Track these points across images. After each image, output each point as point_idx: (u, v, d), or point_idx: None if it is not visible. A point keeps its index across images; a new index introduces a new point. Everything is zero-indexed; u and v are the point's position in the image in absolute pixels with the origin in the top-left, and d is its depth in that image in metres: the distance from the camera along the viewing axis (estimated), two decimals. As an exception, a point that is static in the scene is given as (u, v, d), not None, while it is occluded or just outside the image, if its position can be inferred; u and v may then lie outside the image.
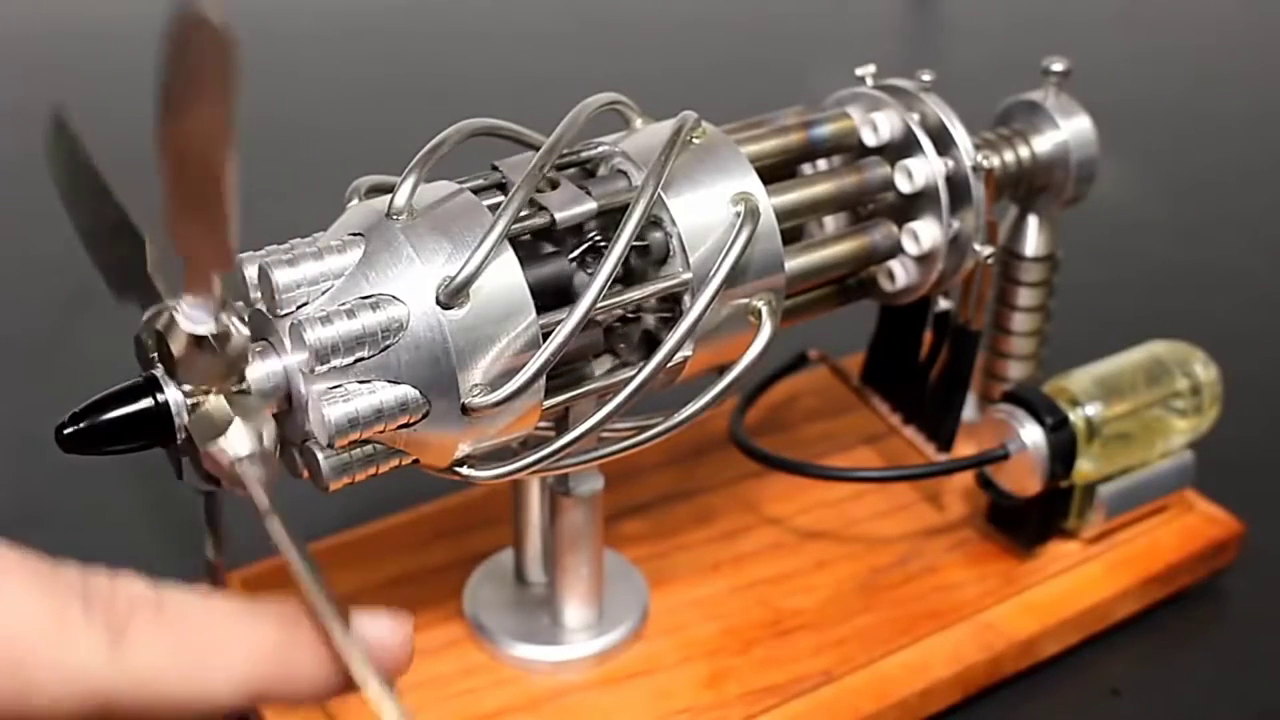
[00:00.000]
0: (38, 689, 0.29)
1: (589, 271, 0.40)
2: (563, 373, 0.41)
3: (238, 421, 0.35)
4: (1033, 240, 0.54)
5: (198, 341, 0.34)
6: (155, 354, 0.35)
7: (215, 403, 0.35)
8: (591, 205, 0.39)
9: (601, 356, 0.42)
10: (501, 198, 0.39)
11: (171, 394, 0.35)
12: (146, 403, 0.35)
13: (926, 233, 0.47)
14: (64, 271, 0.73)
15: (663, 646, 0.48)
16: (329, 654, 0.32)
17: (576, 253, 0.40)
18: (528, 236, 0.40)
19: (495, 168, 0.41)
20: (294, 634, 0.32)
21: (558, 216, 0.39)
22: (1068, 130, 0.52)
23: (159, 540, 0.56)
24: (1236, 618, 0.54)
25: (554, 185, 0.40)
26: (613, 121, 0.43)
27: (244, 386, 0.35)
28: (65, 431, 0.35)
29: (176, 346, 0.34)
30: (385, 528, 0.53)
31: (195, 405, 0.35)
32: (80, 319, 0.69)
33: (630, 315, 0.41)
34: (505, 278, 0.37)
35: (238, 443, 0.35)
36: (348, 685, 0.32)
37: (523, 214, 0.38)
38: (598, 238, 0.40)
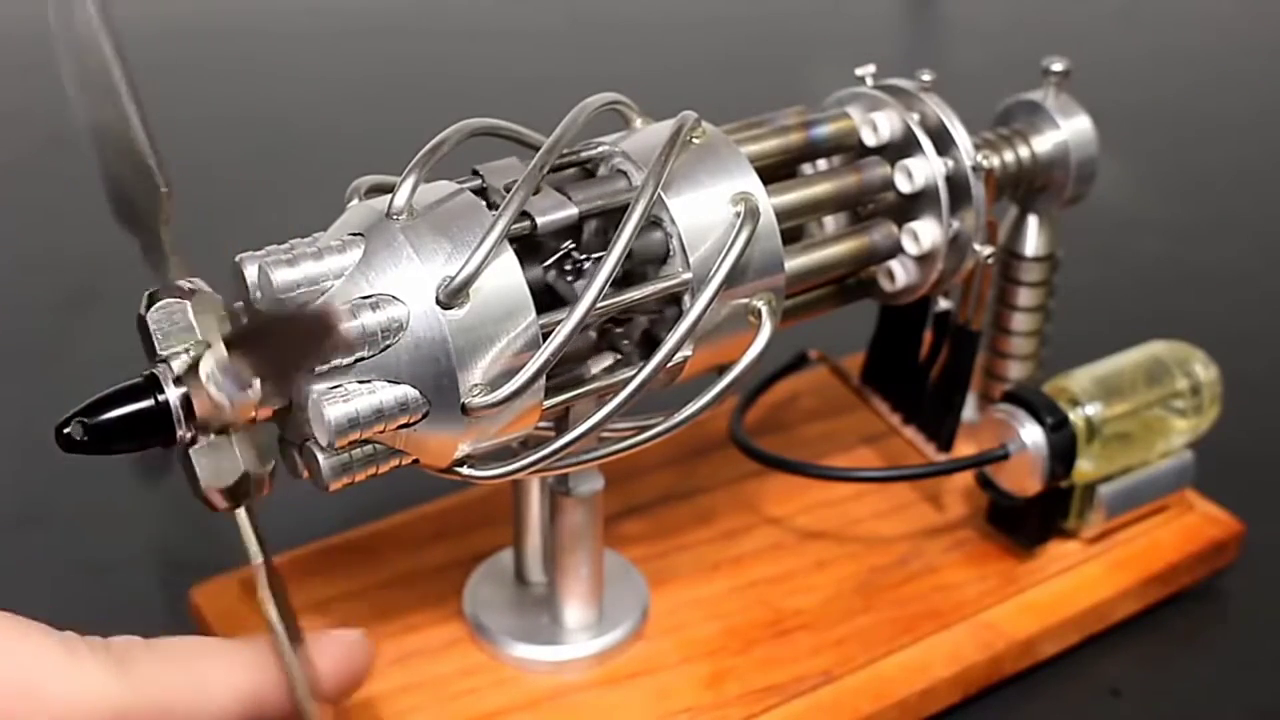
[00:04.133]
0: (53, 714, 0.32)
1: (568, 280, 0.39)
2: (562, 373, 0.41)
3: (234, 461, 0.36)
4: (1033, 240, 0.54)
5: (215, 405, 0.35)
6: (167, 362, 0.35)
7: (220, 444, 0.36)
8: (572, 211, 0.39)
9: (601, 355, 0.42)
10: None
11: (172, 393, 0.35)
12: (147, 402, 0.35)
13: (926, 233, 0.47)
14: (64, 271, 0.73)
15: (663, 646, 0.48)
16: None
17: (550, 261, 0.40)
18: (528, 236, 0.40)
19: (476, 172, 0.40)
20: (267, 659, 0.36)
21: (539, 221, 0.39)
22: (1068, 130, 0.52)
23: (159, 540, 0.56)
24: (1236, 618, 0.54)
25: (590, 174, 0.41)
26: (613, 121, 0.43)
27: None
28: (65, 431, 0.35)
29: (198, 400, 0.35)
30: (385, 528, 0.53)
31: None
32: (80, 319, 0.69)
33: (623, 318, 0.41)
34: (505, 278, 0.37)
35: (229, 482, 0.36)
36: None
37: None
38: (573, 247, 0.40)
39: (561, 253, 0.40)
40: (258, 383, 0.35)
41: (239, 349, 0.35)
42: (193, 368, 0.35)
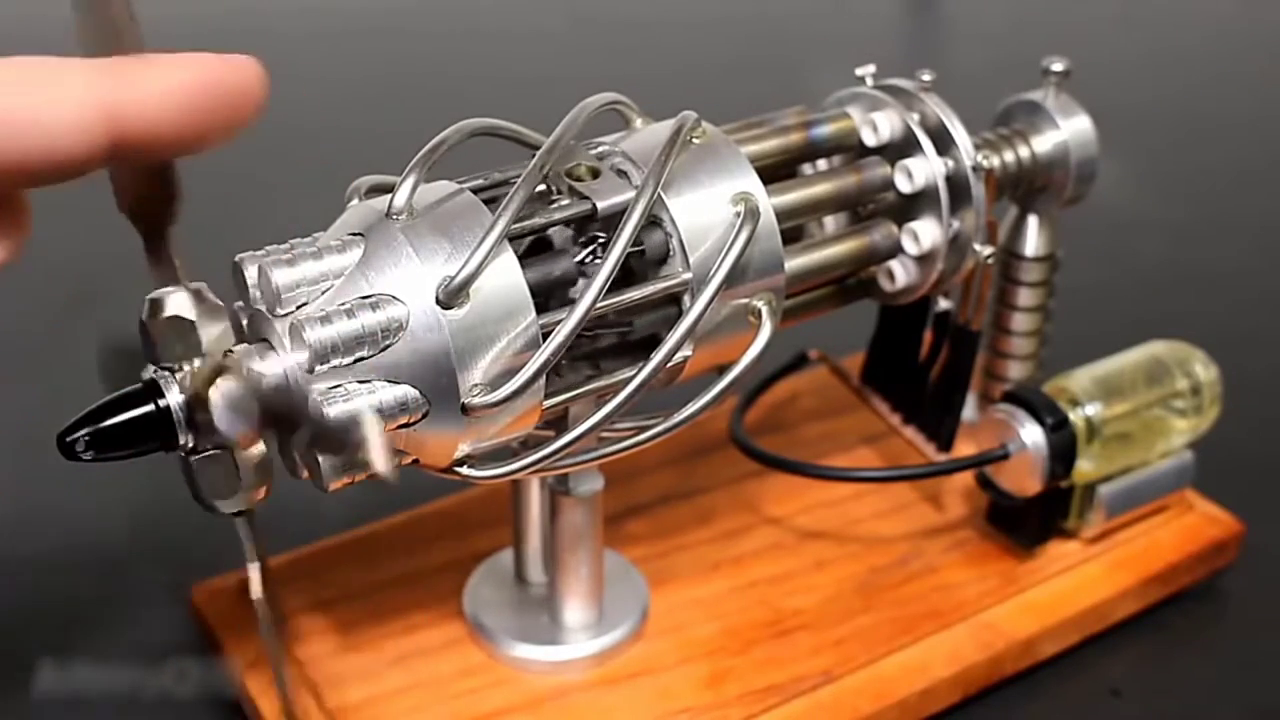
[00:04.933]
0: None
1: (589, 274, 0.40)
2: (562, 373, 0.41)
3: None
4: (1033, 240, 0.54)
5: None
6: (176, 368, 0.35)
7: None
8: (630, 194, 0.39)
9: (601, 355, 0.42)
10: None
11: (173, 399, 0.35)
12: (148, 408, 0.35)
13: (926, 233, 0.47)
14: (64, 271, 0.73)
15: (663, 646, 0.48)
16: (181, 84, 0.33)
17: (585, 253, 0.40)
18: (530, 236, 0.40)
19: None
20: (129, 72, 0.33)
21: (599, 206, 0.39)
22: (1068, 130, 0.52)
23: (159, 540, 0.56)
24: (1236, 618, 0.54)
25: (595, 174, 0.40)
26: (613, 121, 0.43)
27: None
28: (67, 439, 0.35)
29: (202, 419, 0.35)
30: (385, 528, 0.53)
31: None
32: (80, 319, 0.69)
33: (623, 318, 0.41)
34: (505, 278, 0.37)
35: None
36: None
37: (522, 214, 0.38)
38: (603, 237, 0.40)
39: (597, 240, 0.39)
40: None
41: (263, 409, 0.35)
42: (200, 383, 0.34)
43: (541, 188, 0.40)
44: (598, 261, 0.39)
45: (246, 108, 0.34)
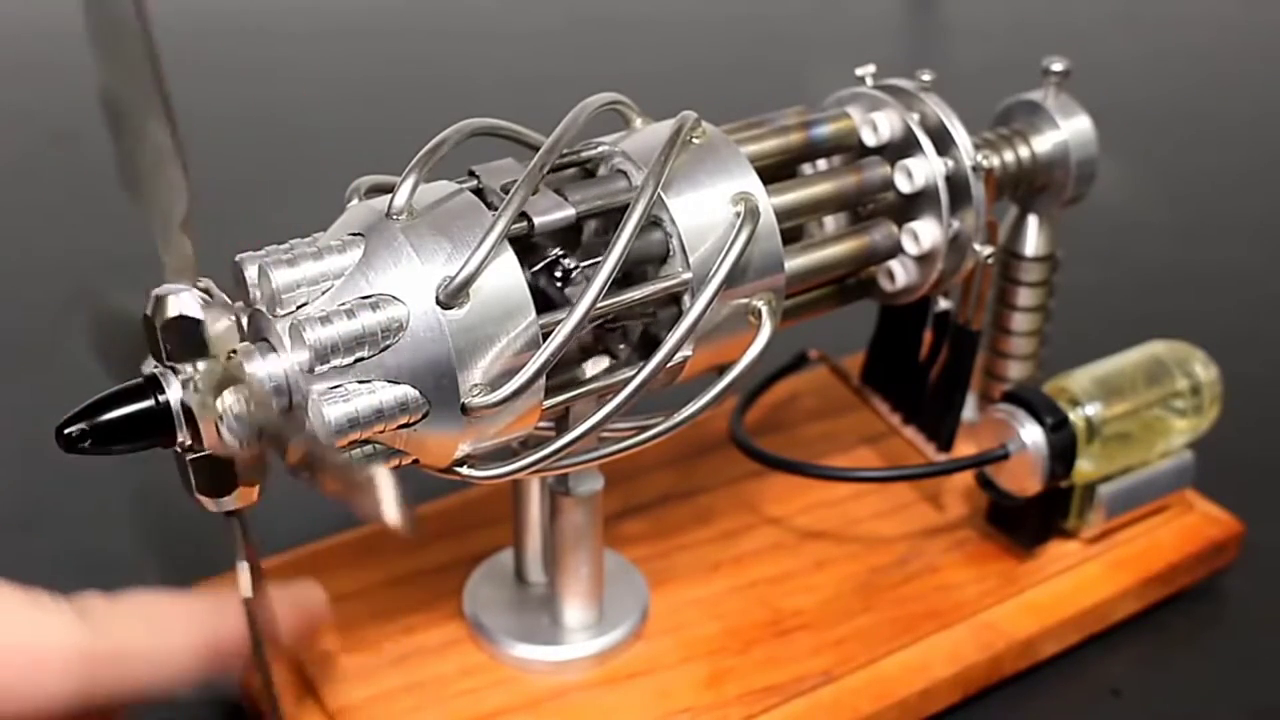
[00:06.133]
0: (23, 668, 0.34)
1: (557, 285, 0.39)
2: (562, 373, 0.41)
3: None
4: (1033, 240, 0.54)
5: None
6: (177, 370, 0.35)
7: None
8: (570, 212, 0.39)
9: (601, 356, 0.42)
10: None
11: (173, 395, 0.35)
12: (148, 403, 0.35)
13: (926, 233, 0.47)
14: (64, 271, 0.73)
15: (663, 646, 0.48)
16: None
17: (539, 266, 0.39)
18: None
19: (473, 173, 0.40)
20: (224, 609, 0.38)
21: (537, 222, 0.39)
22: (1068, 130, 0.52)
23: (159, 540, 0.56)
24: (1236, 618, 0.54)
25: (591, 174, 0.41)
26: (613, 121, 0.43)
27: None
28: (66, 431, 0.35)
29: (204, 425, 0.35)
30: (385, 528, 0.53)
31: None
32: (80, 319, 0.69)
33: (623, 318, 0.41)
34: (505, 278, 0.37)
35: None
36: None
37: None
38: (561, 255, 0.40)
39: (550, 259, 0.40)
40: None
41: (266, 436, 0.35)
42: (206, 387, 0.35)
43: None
44: (578, 271, 0.39)
45: (315, 633, 0.40)
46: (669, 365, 0.39)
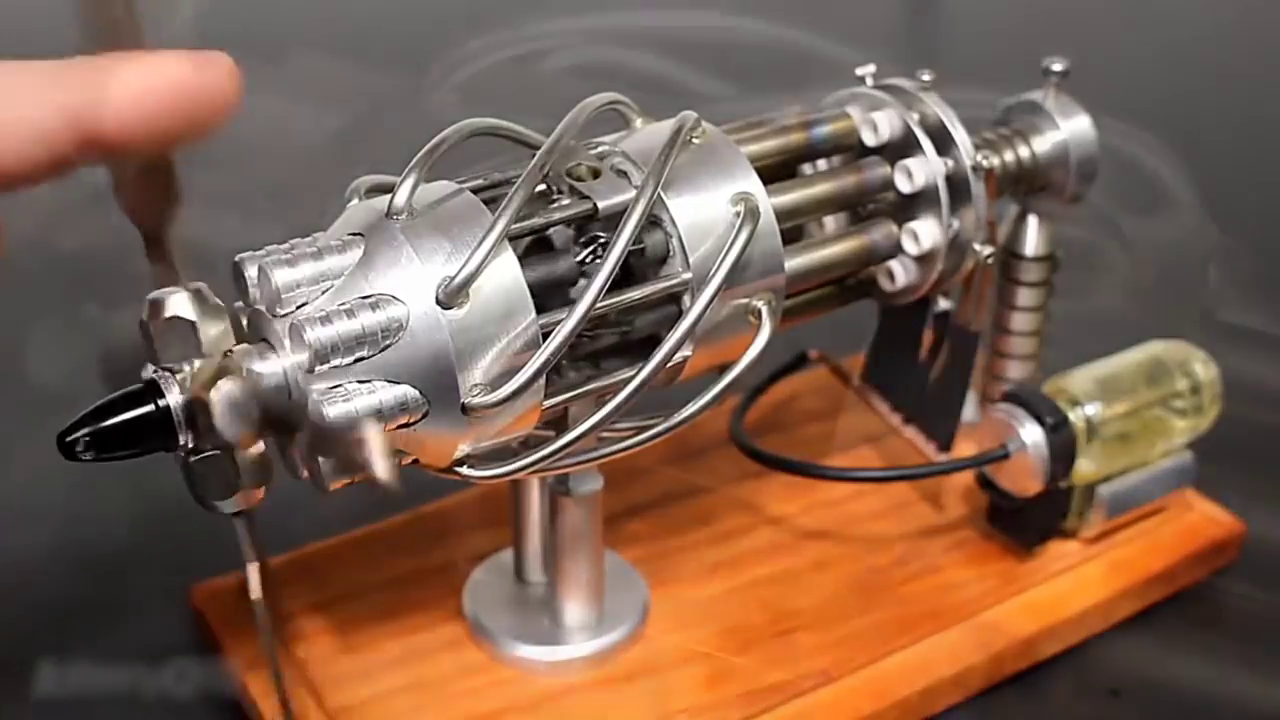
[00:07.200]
0: None
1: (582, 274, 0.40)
2: (562, 372, 0.41)
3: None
4: (1033, 240, 0.54)
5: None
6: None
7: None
8: (630, 194, 0.39)
9: (600, 355, 0.42)
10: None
11: (173, 399, 0.35)
12: (148, 408, 0.35)
13: (926, 232, 0.47)
14: (63, 271, 0.73)
15: (662, 647, 0.48)
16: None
17: (586, 253, 0.40)
18: (530, 236, 0.40)
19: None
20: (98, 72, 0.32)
21: (600, 205, 0.39)
22: (1068, 130, 0.52)
23: (159, 540, 0.56)
24: (1236, 618, 0.54)
25: (595, 174, 0.40)
26: (613, 121, 0.43)
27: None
28: (67, 439, 0.35)
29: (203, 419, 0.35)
30: (385, 528, 0.53)
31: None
32: (80, 319, 0.69)
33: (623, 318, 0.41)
34: (505, 278, 0.37)
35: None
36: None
37: (523, 213, 0.38)
38: (603, 237, 0.40)
39: (601, 240, 0.39)
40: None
41: (263, 411, 0.35)
42: (201, 385, 0.34)
43: (542, 188, 0.40)
44: (598, 261, 0.39)
45: (218, 106, 0.33)
46: (669, 365, 0.39)
